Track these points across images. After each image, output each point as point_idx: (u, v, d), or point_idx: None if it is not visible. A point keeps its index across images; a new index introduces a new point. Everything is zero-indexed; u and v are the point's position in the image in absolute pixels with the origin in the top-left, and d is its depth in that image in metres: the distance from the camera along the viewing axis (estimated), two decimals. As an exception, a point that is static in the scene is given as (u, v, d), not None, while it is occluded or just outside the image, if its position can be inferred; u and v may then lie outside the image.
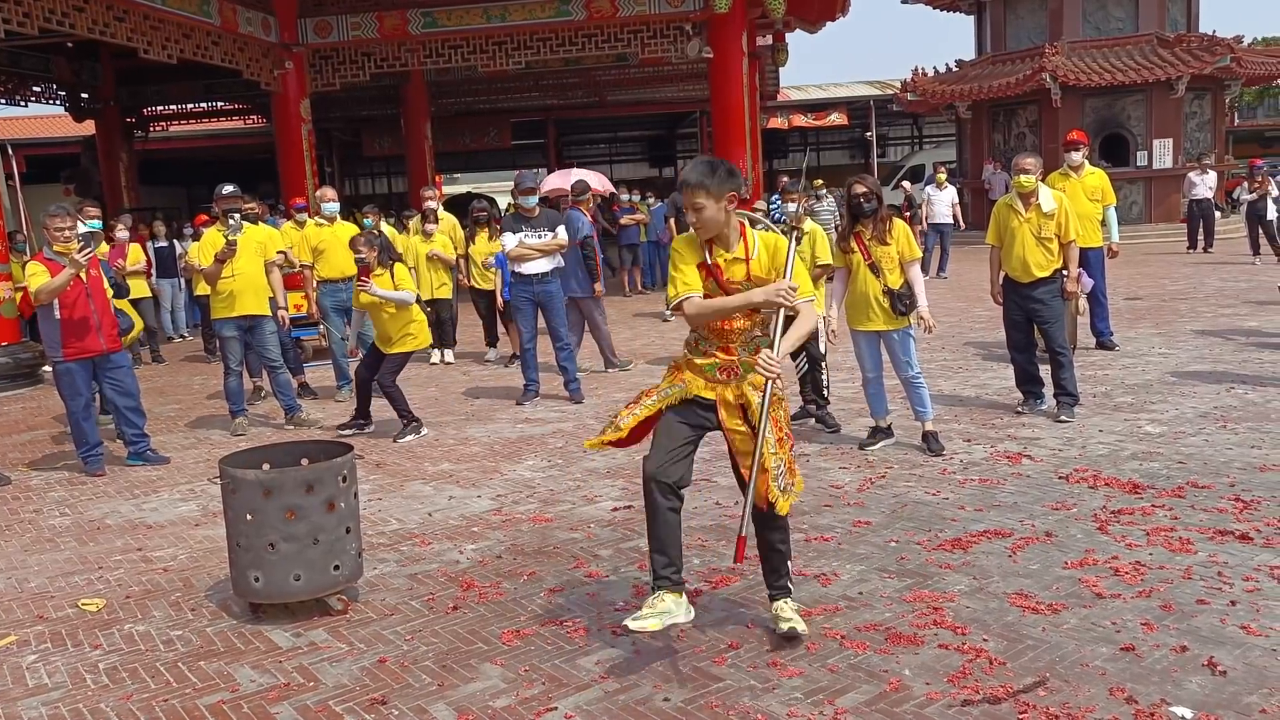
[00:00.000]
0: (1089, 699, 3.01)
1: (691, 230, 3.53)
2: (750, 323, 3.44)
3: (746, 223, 3.53)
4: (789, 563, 3.60)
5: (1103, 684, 3.10)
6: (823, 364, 6.72)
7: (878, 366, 6.01)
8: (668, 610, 3.30)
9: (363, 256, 7.04)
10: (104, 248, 8.55)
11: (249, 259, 7.45)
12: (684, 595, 3.38)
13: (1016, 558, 4.15)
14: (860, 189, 5.79)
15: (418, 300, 7.31)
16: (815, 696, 3.14)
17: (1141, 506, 4.68)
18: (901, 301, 5.76)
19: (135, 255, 11.72)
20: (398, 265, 7.10)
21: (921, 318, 5.83)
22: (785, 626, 3.49)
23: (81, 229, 7.14)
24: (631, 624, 3.27)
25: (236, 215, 7.53)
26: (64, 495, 6.16)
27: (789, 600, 3.59)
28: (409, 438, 6.97)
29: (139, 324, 8.36)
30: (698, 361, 3.48)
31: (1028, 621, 3.56)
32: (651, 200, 18.27)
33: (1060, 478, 5.22)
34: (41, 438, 7.95)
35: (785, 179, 7.44)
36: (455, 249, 10.43)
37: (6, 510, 5.89)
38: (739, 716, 3.05)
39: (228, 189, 7.64)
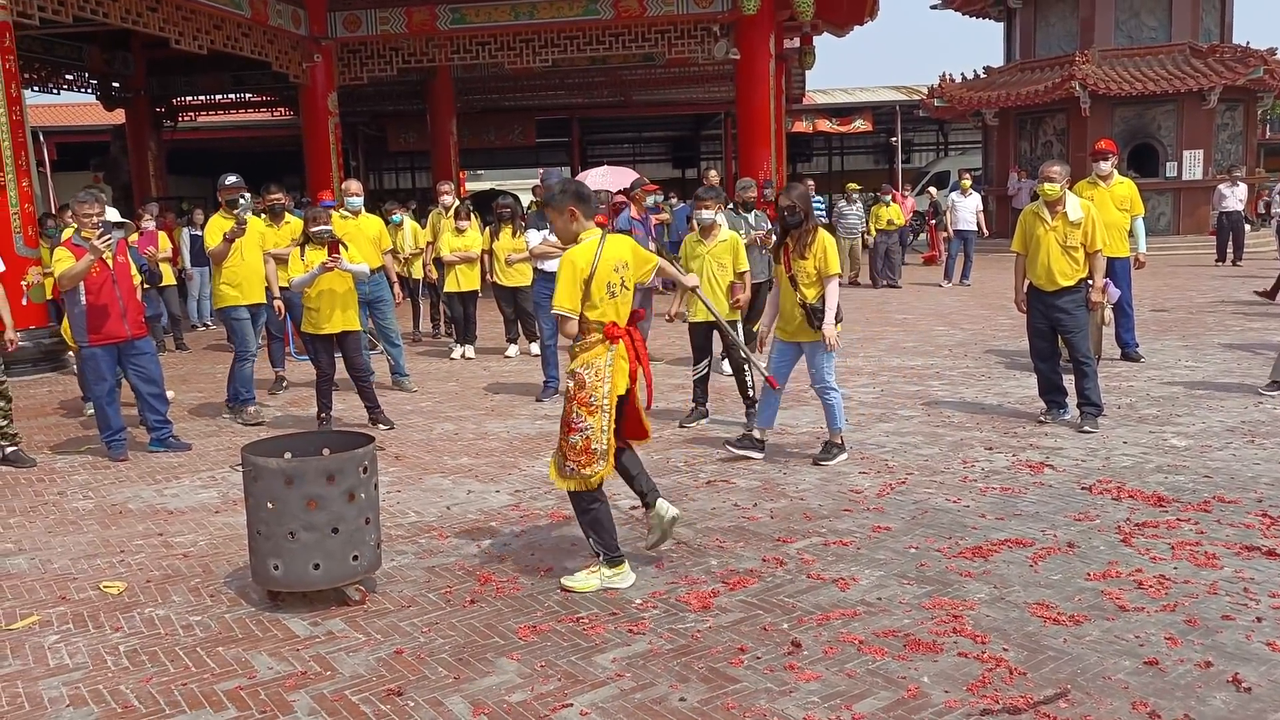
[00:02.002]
0: (1111, 712, 2.98)
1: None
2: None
3: (588, 235, 4.09)
4: (589, 539, 4.15)
5: (1125, 698, 3.06)
6: (746, 368, 6.81)
7: (783, 378, 5.93)
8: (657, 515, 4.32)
9: (326, 228, 6.94)
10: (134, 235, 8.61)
11: (252, 248, 7.53)
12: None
13: (1038, 568, 4.12)
14: (785, 201, 5.77)
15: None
16: (832, 701, 3.12)
17: (1166, 520, 4.63)
18: (816, 316, 5.68)
19: (163, 243, 11.81)
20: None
21: (824, 334, 5.72)
22: (564, 578, 4.12)
23: (114, 215, 7.22)
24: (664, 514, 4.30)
25: (246, 195, 7.62)
26: (88, 479, 6.21)
27: (590, 569, 4.14)
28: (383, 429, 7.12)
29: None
30: None
31: (1049, 632, 3.52)
32: (674, 201, 18.25)
33: (1083, 488, 5.17)
34: (66, 421, 8.02)
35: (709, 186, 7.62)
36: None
37: (32, 492, 5.95)
38: (755, 719, 3.04)
39: (230, 179, 7.70)
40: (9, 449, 6.55)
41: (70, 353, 10.01)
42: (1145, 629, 3.51)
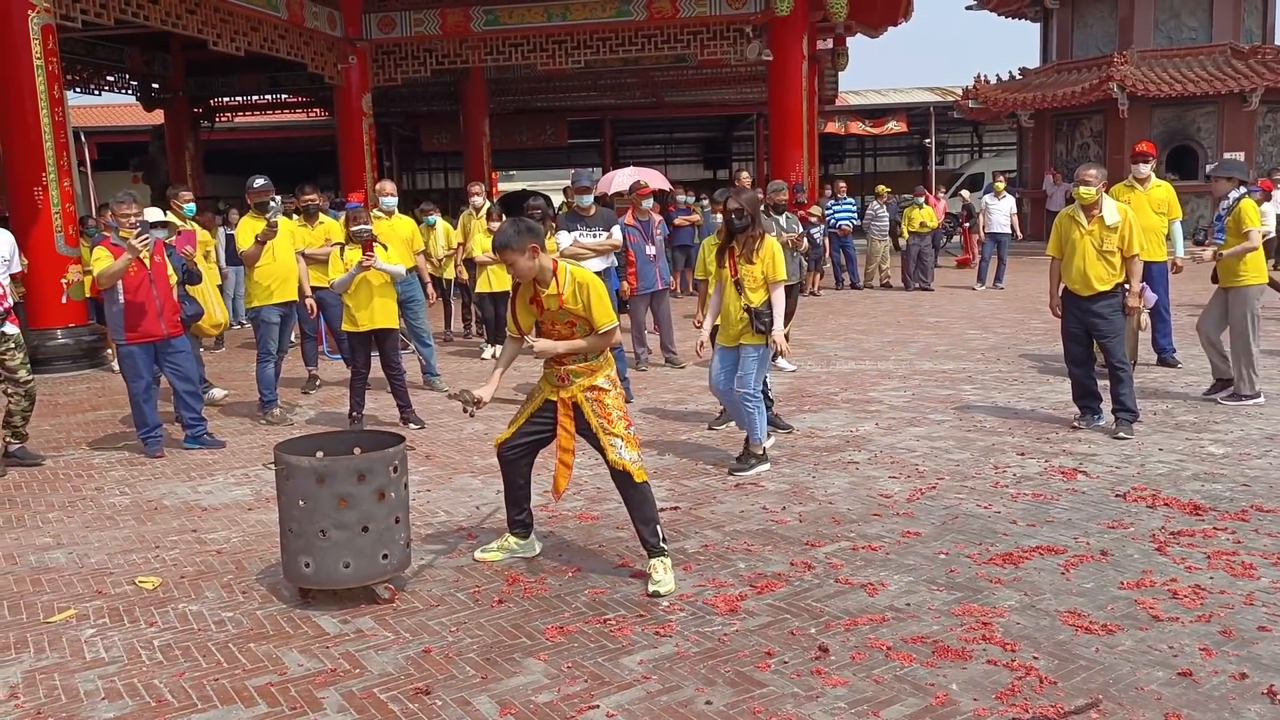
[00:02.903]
0: (1143, 723, 2.94)
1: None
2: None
3: (560, 262, 4.27)
4: (659, 526, 4.17)
5: (1158, 708, 3.02)
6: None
7: (730, 381, 5.87)
8: (512, 548, 4.48)
9: (364, 228, 7.02)
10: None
11: (285, 248, 7.61)
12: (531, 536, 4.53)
13: (1070, 575, 4.07)
14: (734, 205, 5.74)
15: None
16: (859, 707, 3.10)
17: (1202, 528, 4.56)
18: (760, 320, 5.67)
19: (206, 240, 11.88)
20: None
21: (774, 340, 5.73)
22: (650, 588, 4.04)
23: (155, 215, 7.33)
24: (478, 554, 4.47)
25: (276, 199, 7.69)
26: (124, 475, 6.31)
27: (661, 559, 4.12)
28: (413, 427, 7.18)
29: (221, 318, 8.38)
30: (544, 373, 4.37)
31: (1080, 641, 3.48)
32: (706, 202, 18.24)
33: (1117, 496, 5.10)
34: (104, 418, 8.14)
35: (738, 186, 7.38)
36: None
37: (70, 487, 6.05)
38: (781, 723, 3.03)
39: (259, 182, 7.77)
40: (13, 446, 6.58)
41: (108, 351, 10.18)
42: (1179, 639, 3.46)
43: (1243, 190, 7.21)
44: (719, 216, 6.91)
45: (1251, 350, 6.98)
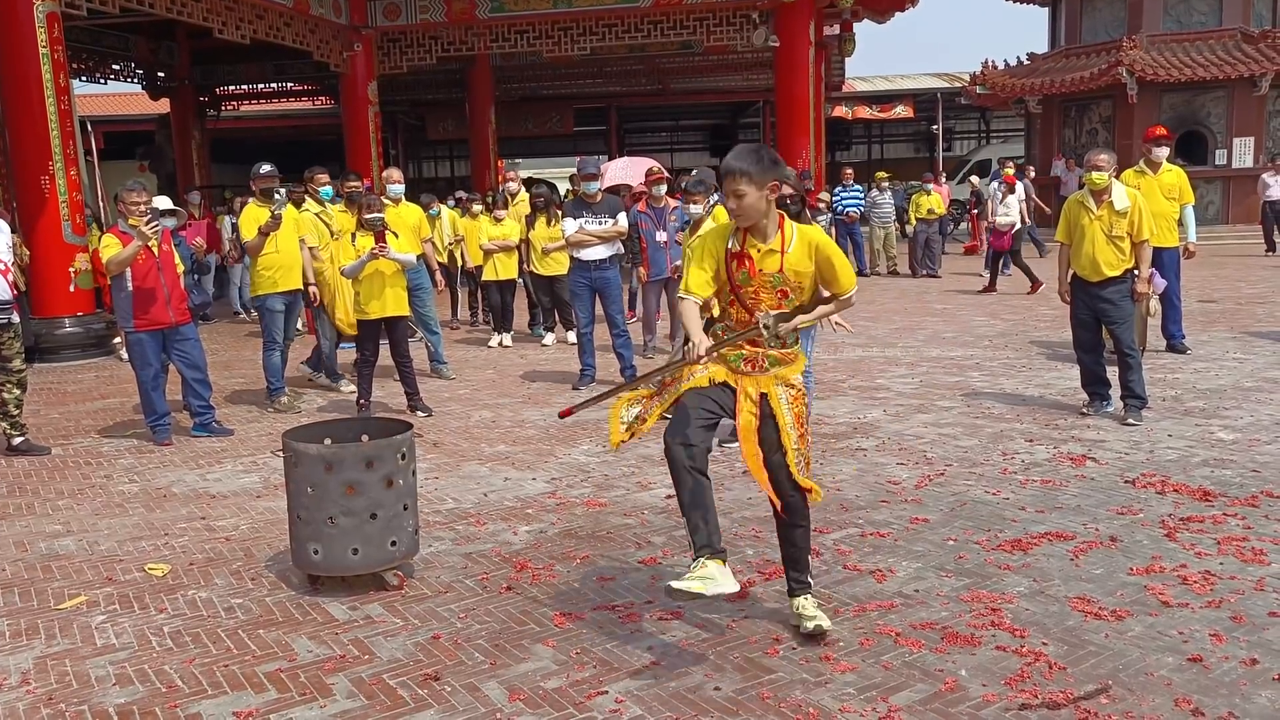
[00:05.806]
0: (1153, 709, 2.94)
1: (727, 220, 3.51)
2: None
3: (787, 215, 3.52)
4: (810, 558, 3.63)
5: (1168, 694, 3.01)
6: None
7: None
8: (711, 577, 3.14)
9: (378, 216, 7.04)
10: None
11: (288, 236, 7.62)
12: (726, 564, 3.23)
13: (1079, 561, 4.06)
14: (785, 189, 5.81)
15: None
16: (868, 693, 3.10)
17: (1212, 514, 4.54)
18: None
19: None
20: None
21: (839, 323, 5.96)
22: (810, 625, 3.44)
23: (164, 203, 7.33)
24: (674, 583, 3.16)
25: (281, 190, 7.71)
26: (133, 463, 6.32)
27: (809, 596, 3.57)
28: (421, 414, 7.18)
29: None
30: (724, 351, 3.39)
31: (1090, 627, 3.47)
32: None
33: (1126, 482, 5.09)
34: (113, 406, 8.16)
35: (689, 177, 7.21)
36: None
37: (79, 475, 6.07)
38: (790, 709, 3.03)
39: (265, 168, 7.76)
40: (17, 439, 6.60)
41: (117, 339, 10.20)
42: (1189, 625, 3.45)
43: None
44: (693, 208, 6.85)
45: None
